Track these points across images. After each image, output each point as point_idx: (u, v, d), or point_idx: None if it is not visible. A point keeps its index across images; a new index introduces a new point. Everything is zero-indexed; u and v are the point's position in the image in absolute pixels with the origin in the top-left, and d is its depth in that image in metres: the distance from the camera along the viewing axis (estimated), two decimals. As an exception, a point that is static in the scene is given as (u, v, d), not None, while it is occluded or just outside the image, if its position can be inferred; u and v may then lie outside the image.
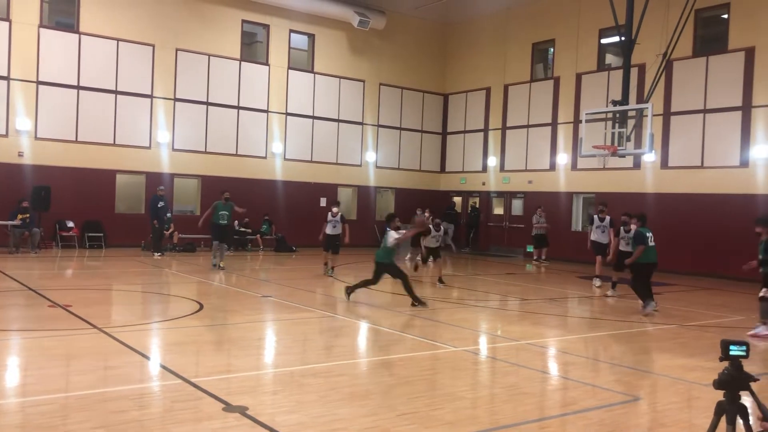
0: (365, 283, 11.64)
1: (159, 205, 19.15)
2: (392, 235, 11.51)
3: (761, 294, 10.02)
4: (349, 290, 11.74)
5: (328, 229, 15.68)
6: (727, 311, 12.22)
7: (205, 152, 22.22)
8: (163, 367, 6.77)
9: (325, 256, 15.93)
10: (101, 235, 20.19)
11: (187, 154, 21.90)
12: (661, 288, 15.51)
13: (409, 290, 11.24)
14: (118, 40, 20.66)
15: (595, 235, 15.12)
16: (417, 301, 11.14)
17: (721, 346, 2.50)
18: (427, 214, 20.53)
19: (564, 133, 22.84)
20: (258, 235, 22.53)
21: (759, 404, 2.24)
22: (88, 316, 9.09)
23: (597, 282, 15.20)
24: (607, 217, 15.04)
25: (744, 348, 2.46)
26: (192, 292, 12.59)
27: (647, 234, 11.57)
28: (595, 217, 15.19)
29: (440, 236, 15.02)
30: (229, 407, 5.32)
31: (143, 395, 5.73)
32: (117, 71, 20.69)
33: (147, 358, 7.22)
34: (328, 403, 5.55)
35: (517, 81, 24.71)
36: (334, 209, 15.99)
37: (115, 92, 20.69)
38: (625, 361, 8.03)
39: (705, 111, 19.08)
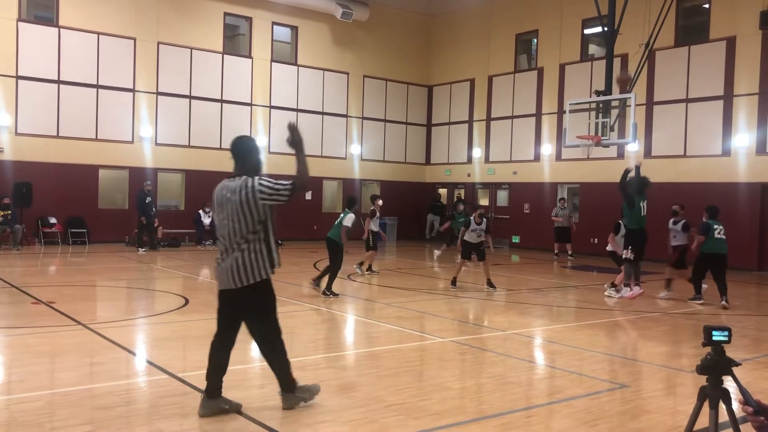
0: (328, 270, 11.51)
1: (146, 201, 19.05)
2: (351, 218, 11.72)
3: (625, 256, 11.20)
4: (316, 282, 11.70)
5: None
6: (709, 298, 12.34)
7: (189, 146, 22.07)
8: (149, 362, 6.74)
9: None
10: (84, 231, 20.02)
11: (170, 148, 21.74)
12: (647, 277, 15.65)
13: (331, 277, 11.27)
14: (98, 33, 20.44)
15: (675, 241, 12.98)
16: (329, 291, 11.20)
17: (703, 331, 2.53)
18: (460, 207, 20.42)
19: (548, 124, 22.92)
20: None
21: (741, 388, 2.27)
22: (72, 313, 9.02)
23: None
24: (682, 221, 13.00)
25: (726, 333, 2.49)
26: (178, 288, 12.53)
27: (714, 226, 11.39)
28: (670, 221, 13.19)
29: (482, 230, 12.98)
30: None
31: (129, 391, 5.70)
32: (98, 65, 20.48)
33: (133, 353, 7.19)
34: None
35: (501, 72, 24.75)
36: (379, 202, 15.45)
37: (97, 86, 20.48)
38: (610, 350, 8.11)
39: (687, 100, 19.23)
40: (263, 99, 23.54)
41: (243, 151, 5.03)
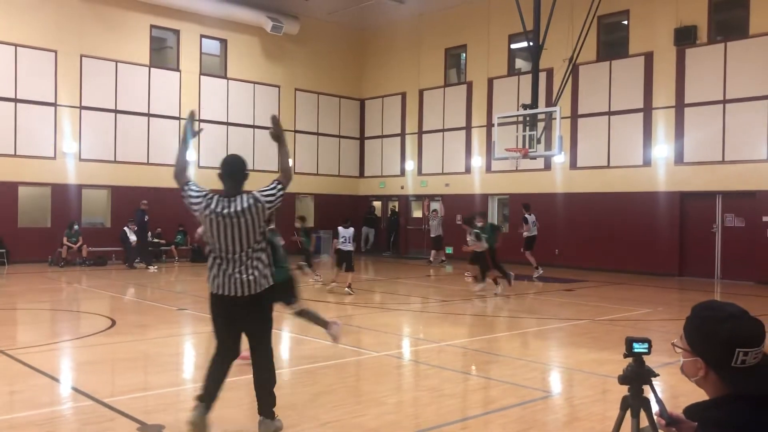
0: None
1: (145, 219, 19.31)
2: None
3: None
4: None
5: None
6: (635, 304, 12.80)
7: (115, 161, 21.42)
8: (74, 388, 6.48)
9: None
10: (3, 251, 19.11)
11: (95, 164, 21.04)
12: (573, 285, 16.11)
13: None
14: (16, 45, 19.64)
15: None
16: None
17: (625, 343, 2.62)
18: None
19: (478, 137, 23.36)
20: (173, 246, 21.92)
21: (657, 400, 2.36)
22: (-11, 339, 8.58)
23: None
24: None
25: (646, 345, 2.58)
26: (104, 308, 12.10)
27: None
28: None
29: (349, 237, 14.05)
30: (144, 427, 5.14)
31: (53, 419, 5.45)
32: (16, 78, 19.67)
33: (56, 380, 6.88)
34: (249, 417, 5.46)
35: (431, 86, 25.10)
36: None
37: (15, 100, 19.66)
38: (541, 358, 8.28)
39: (610, 113, 19.97)
40: (192, 113, 23.07)
41: (240, 169, 5.06)
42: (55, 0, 20.30)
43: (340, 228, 14.34)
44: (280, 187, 5.01)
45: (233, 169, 5.04)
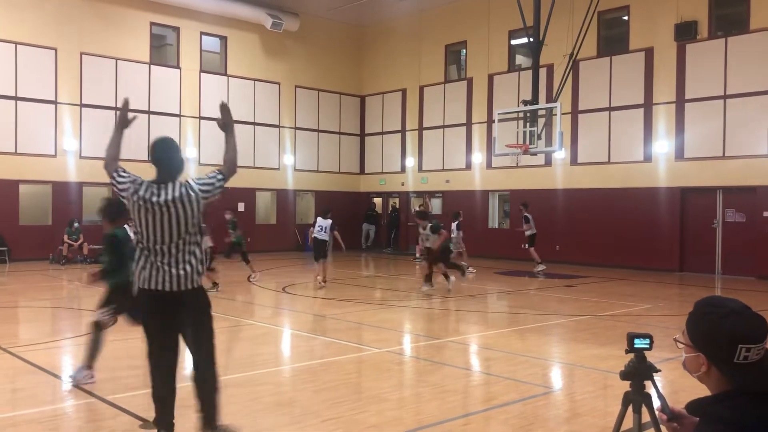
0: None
1: None
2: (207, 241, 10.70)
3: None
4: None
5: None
6: (636, 300, 12.81)
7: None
8: (76, 386, 6.48)
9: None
10: (5, 249, 19.13)
11: (95, 161, 20.96)
12: (574, 280, 16.12)
13: None
14: (16, 43, 19.63)
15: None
16: None
17: (627, 339, 2.62)
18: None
19: (478, 133, 23.35)
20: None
21: (659, 395, 2.36)
22: (-9, 337, 8.60)
23: None
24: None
25: (647, 341, 2.58)
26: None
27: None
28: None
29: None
30: (146, 424, 5.14)
31: (55, 417, 5.47)
32: (16, 76, 19.66)
33: (58, 377, 6.90)
34: (251, 414, 5.47)
35: (431, 82, 25.08)
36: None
37: (15, 98, 19.65)
38: (543, 354, 8.29)
39: (610, 109, 19.95)
40: (192, 110, 23.10)
41: (170, 153, 4.59)
42: (55, -3, 20.29)
43: (318, 218, 14.54)
44: (220, 177, 4.61)
45: (163, 155, 4.57)
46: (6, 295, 13.69)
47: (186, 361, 4.96)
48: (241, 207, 23.63)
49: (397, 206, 26.57)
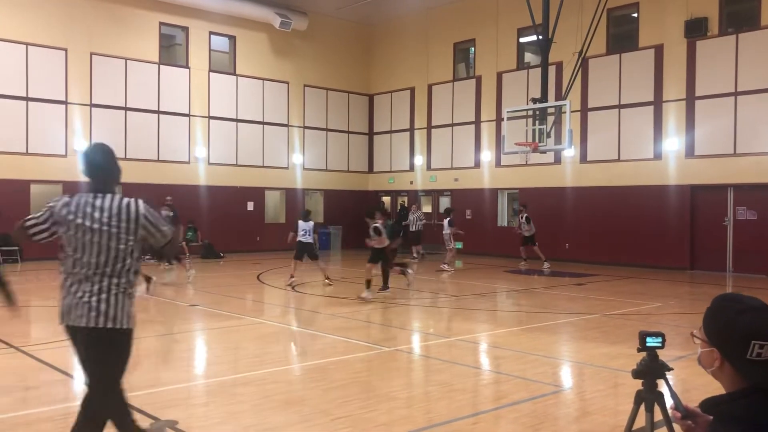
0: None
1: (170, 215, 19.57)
2: None
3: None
4: None
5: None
6: (646, 298, 12.75)
7: (126, 159, 21.43)
8: (88, 384, 6.51)
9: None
10: (16, 248, 19.26)
11: (106, 161, 21.13)
12: (583, 279, 16.06)
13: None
14: (27, 44, 19.75)
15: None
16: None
17: (639, 337, 2.61)
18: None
19: (487, 131, 23.30)
20: (183, 243, 21.99)
21: (672, 393, 2.35)
22: (3, 335, 8.66)
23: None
24: None
25: (660, 339, 2.57)
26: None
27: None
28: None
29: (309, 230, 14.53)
30: (157, 422, 5.17)
31: (67, 415, 5.49)
32: (27, 77, 19.78)
33: (70, 376, 6.93)
34: (260, 412, 5.48)
35: (440, 80, 25.05)
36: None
37: (26, 99, 19.77)
38: (552, 353, 8.27)
39: (620, 106, 19.86)
40: (202, 109, 23.17)
41: (107, 160, 3.92)
42: (65, -2, 20.40)
43: (300, 221, 14.67)
44: (169, 231, 4.01)
45: (95, 162, 3.91)
46: (18, 294, 13.75)
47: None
48: (250, 206, 23.76)
49: (406, 204, 26.56)
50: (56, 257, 18.98)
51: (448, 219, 18.49)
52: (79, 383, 6.57)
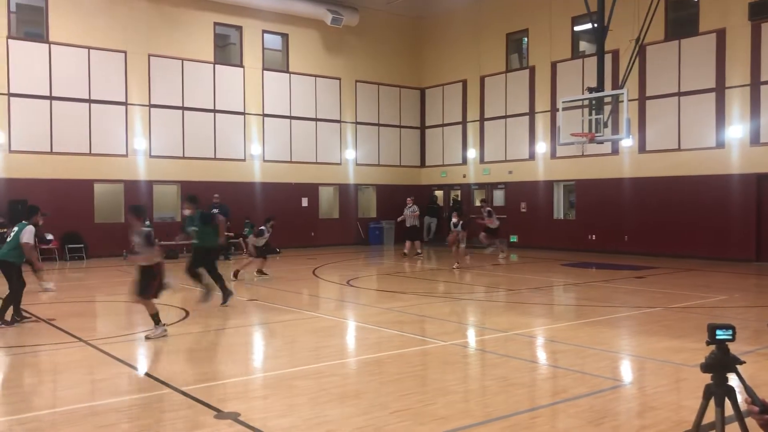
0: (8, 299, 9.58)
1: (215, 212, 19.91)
2: (30, 231, 9.64)
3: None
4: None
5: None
6: (709, 291, 12.36)
7: (183, 158, 22.03)
8: (152, 376, 6.71)
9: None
10: (82, 246, 19.97)
11: (165, 160, 21.70)
12: (644, 272, 15.67)
13: (5, 306, 9.43)
14: (88, 48, 20.41)
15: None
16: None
17: (708, 330, 2.52)
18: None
19: (542, 122, 22.95)
20: (241, 239, 22.40)
21: (746, 387, 2.26)
22: (72, 329, 9.00)
23: None
24: None
25: (730, 332, 2.48)
26: (177, 300, 12.48)
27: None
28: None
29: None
30: (220, 414, 5.28)
31: (132, 406, 5.67)
32: (89, 80, 20.44)
33: (134, 368, 7.15)
34: (318, 405, 5.54)
35: (492, 72, 24.77)
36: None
37: (89, 101, 20.44)
38: (612, 347, 8.10)
39: (679, 94, 19.26)
40: (256, 108, 23.53)
41: None
42: (124, 2, 20.97)
43: (262, 227, 15.32)
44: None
45: None
46: (84, 290, 14.29)
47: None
48: (304, 202, 24.03)
49: (459, 198, 26.40)
50: (120, 254, 19.48)
51: (455, 217, 18.15)
52: (143, 376, 6.78)
